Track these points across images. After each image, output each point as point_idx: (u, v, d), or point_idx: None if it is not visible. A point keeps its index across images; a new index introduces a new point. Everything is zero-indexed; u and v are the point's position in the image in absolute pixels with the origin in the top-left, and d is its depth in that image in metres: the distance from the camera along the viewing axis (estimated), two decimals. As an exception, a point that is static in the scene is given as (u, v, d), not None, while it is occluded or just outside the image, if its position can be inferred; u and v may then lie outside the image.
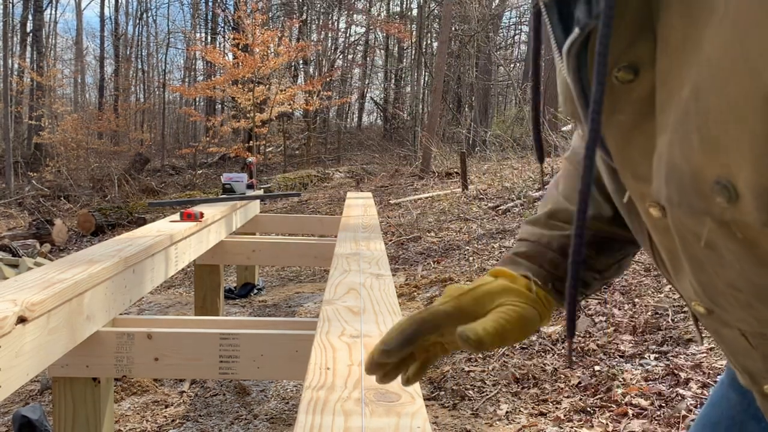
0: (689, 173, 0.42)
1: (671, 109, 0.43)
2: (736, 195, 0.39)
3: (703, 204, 0.42)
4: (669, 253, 0.54)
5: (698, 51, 0.40)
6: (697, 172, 0.41)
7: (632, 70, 0.46)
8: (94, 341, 1.70)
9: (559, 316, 3.30)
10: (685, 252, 0.50)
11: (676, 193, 0.44)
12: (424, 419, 0.80)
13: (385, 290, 1.60)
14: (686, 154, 0.42)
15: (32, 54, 20.65)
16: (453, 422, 2.38)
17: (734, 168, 0.39)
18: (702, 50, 0.40)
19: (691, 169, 0.42)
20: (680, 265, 0.53)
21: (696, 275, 0.51)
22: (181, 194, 10.91)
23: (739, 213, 0.40)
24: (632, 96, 0.47)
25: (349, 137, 21.89)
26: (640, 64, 0.45)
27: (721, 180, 0.40)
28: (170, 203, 5.25)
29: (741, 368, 0.58)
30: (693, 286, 0.53)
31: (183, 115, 21.05)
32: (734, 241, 0.43)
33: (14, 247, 5.94)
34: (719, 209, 0.41)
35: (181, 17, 31.57)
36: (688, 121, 0.41)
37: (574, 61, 0.49)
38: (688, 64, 0.41)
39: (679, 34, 0.42)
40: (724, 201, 0.40)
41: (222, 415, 2.61)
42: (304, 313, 4.14)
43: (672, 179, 0.44)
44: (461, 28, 18.69)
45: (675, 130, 0.43)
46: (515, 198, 7.02)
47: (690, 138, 0.41)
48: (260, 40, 13.26)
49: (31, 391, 2.92)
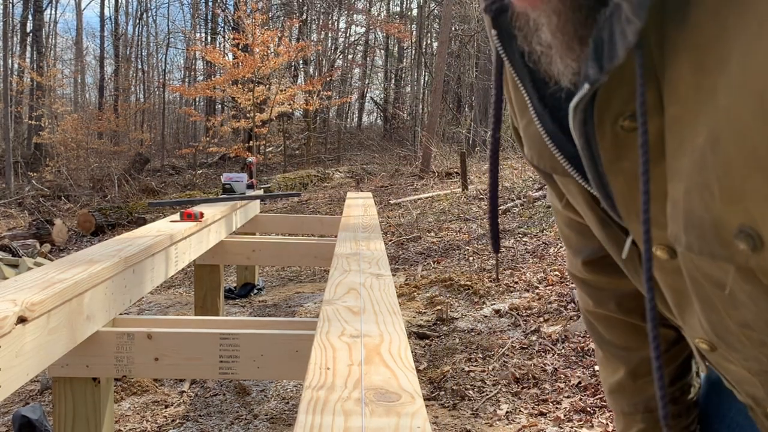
0: (710, 222, 0.42)
1: (685, 156, 0.43)
2: (761, 243, 0.39)
3: (726, 252, 0.42)
4: (676, 293, 0.54)
5: (713, 100, 0.40)
6: (718, 221, 0.41)
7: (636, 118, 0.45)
8: (94, 341, 1.70)
9: (559, 316, 3.30)
10: (696, 293, 0.50)
11: (696, 241, 0.44)
12: (424, 419, 0.80)
13: (385, 290, 1.60)
14: (707, 202, 0.42)
15: (32, 54, 20.65)
16: (453, 422, 2.38)
17: (758, 216, 0.39)
18: (717, 99, 0.40)
19: (713, 218, 0.42)
20: (688, 304, 0.53)
21: (706, 315, 0.51)
22: (181, 194, 10.91)
23: (764, 260, 0.40)
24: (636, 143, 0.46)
25: (349, 137, 21.88)
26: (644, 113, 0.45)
27: (744, 228, 0.40)
28: (170, 203, 5.25)
29: (744, 393, 0.58)
30: (702, 325, 0.53)
31: (183, 115, 21.06)
32: (754, 285, 0.43)
33: (14, 247, 5.94)
34: (743, 257, 0.41)
35: (181, 17, 31.58)
36: (707, 170, 0.41)
37: (581, 115, 0.49)
38: (702, 113, 0.41)
39: (691, 83, 0.42)
40: (749, 249, 0.40)
41: (222, 415, 2.61)
42: (304, 313, 4.14)
43: (691, 227, 0.44)
44: (461, 28, 18.69)
45: (692, 179, 0.43)
46: (515, 198, 7.02)
47: (710, 187, 0.41)
48: (260, 40, 13.26)
49: (31, 391, 2.92)
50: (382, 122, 24.09)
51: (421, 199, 8.48)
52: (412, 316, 3.69)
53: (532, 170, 8.41)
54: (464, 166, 8.53)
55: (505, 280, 4.17)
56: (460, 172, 8.67)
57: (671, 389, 0.73)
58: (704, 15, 0.40)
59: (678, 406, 0.73)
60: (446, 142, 15.12)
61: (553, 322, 3.25)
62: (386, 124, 22.74)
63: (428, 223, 6.68)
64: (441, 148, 12.66)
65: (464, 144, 14.80)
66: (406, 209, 7.77)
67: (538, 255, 4.64)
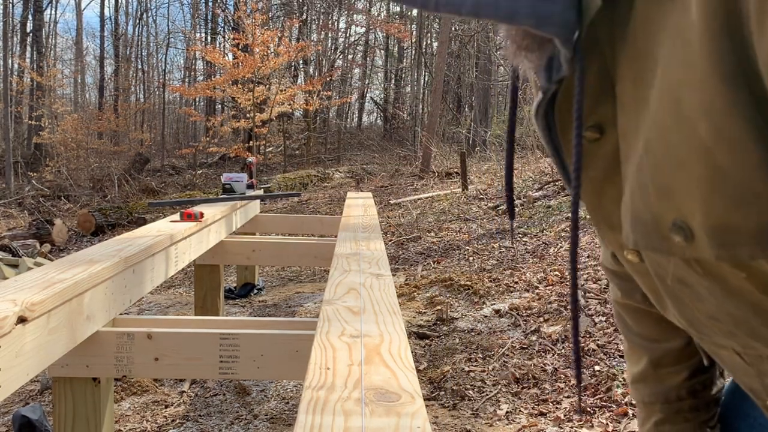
0: (651, 218, 0.46)
1: (630, 161, 0.48)
2: (692, 234, 0.43)
3: (666, 245, 0.46)
4: (653, 293, 0.58)
5: (647, 110, 0.45)
6: (656, 217, 0.46)
7: (598, 129, 0.51)
8: (94, 341, 1.70)
9: (559, 317, 3.30)
10: (665, 291, 0.54)
11: (641, 238, 0.48)
12: (424, 419, 0.80)
13: (385, 290, 1.60)
14: (645, 201, 0.46)
15: (32, 54, 20.65)
16: (453, 422, 2.38)
17: (686, 210, 0.43)
18: (649, 109, 0.45)
19: (652, 215, 0.46)
20: (664, 302, 0.57)
21: (679, 310, 0.55)
22: (181, 194, 10.91)
23: (695, 250, 0.44)
24: (600, 152, 0.52)
25: (349, 137, 21.88)
26: (604, 124, 0.50)
27: (677, 222, 0.44)
28: (170, 203, 5.25)
29: (743, 385, 0.60)
30: (679, 321, 0.57)
31: (183, 115, 21.05)
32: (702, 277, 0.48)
33: (14, 247, 5.94)
34: (680, 249, 0.45)
35: (181, 17, 31.57)
36: (643, 171, 0.46)
37: (542, 122, 0.54)
38: (641, 122, 0.46)
39: (632, 96, 0.47)
40: (683, 241, 0.44)
41: (222, 415, 2.61)
42: (304, 313, 4.14)
43: (637, 225, 0.48)
44: (461, 28, 18.69)
45: (634, 181, 0.47)
46: (515, 198, 7.02)
47: (647, 186, 0.46)
48: (260, 40, 13.26)
49: (31, 391, 2.92)
50: (382, 122, 24.08)
51: (421, 199, 8.48)
52: (412, 316, 3.69)
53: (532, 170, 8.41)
54: (464, 166, 8.53)
55: (505, 280, 4.17)
56: (460, 172, 8.67)
57: (692, 381, 0.75)
58: (639, 31, 0.45)
59: (697, 400, 0.75)
60: (446, 142, 15.12)
61: (553, 322, 3.25)
62: (386, 124, 22.74)
63: (428, 223, 6.68)
64: (441, 148, 12.65)
65: (464, 144, 14.80)
66: (406, 209, 7.77)
67: (538, 255, 4.64)
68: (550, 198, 6.69)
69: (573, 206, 0.50)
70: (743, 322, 0.49)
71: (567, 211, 5.85)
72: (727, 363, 0.59)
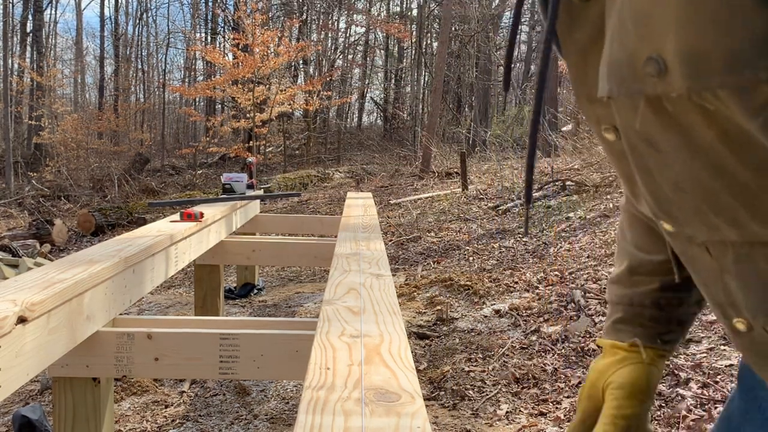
0: (626, 59, 0.47)
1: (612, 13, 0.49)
2: (665, 66, 0.44)
3: (638, 84, 0.46)
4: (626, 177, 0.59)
5: None
6: (632, 55, 0.46)
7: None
8: (94, 341, 1.70)
9: (559, 317, 3.30)
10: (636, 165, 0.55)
11: (615, 86, 0.49)
12: (424, 419, 0.80)
13: (385, 290, 1.60)
14: (624, 42, 0.47)
15: (32, 54, 20.65)
16: (453, 422, 2.38)
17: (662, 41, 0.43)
18: None
19: (628, 55, 0.47)
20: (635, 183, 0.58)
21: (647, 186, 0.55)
22: (181, 194, 10.91)
23: (667, 85, 0.44)
24: (588, 14, 0.53)
25: (349, 137, 21.88)
26: None
27: (652, 56, 0.44)
28: (170, 203, 5.25)
29: (713, 303, 0.60)
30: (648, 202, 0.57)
31: (183, 115, 21.05)
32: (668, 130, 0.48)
33: (14, 247, 5.94)
34: (651, 84, 0.45)
35: (181, 17, 31.56)
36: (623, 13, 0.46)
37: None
38: None
39: None
40: (655, 74, 0.44)
41: (222, 415, 2.61)
42: (304, 313, 4.14)
43: (612, 72, 0.48)
44: (461, 28, 18.70)
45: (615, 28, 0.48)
46: (515, 198, 7.03)
47: (626, 25, 0.46)
48: (260, 40, 13.27)
49: (31, 391, 2.92)
50: (382, 122, 24.09)
51: (421, 199, 8.49)
52: (412, 316, 3.69)
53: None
54: (464, 166, 8.53)
55: (505, 280, 4.17)
56: (460, 172, 8.67)
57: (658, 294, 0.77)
58: None
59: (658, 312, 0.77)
60: (446, 142, 15.13)
61: (553, 322, 3.25)
62: (386, 124, 22.74)
63: (428, 223, 6.68)
64: (441, 148, 12.66)
65: (464, 144, 14.80)
66: (406, 209, 7.78)
67: (538, 255, 4.65)
68: (550, 198, 6.69)
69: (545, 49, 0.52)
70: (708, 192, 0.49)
71: (567, 211, 5.85)
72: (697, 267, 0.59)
